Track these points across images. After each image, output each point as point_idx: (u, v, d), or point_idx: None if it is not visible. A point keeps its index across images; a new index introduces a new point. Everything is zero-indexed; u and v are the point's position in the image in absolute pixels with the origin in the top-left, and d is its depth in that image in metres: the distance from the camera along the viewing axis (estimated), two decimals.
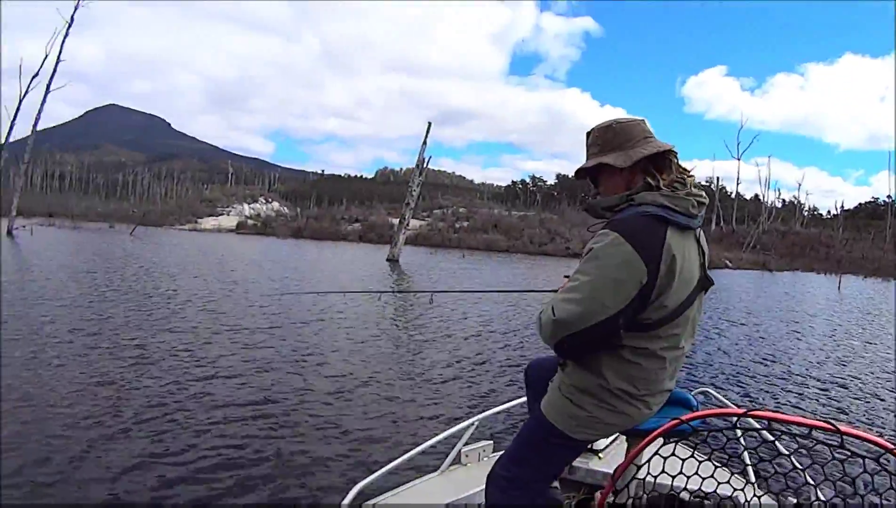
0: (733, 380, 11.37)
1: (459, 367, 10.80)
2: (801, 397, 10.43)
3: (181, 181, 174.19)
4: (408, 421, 7.71)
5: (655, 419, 2.66)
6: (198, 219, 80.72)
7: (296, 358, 10.53)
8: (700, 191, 2.61)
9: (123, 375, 8.70)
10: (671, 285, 2.47)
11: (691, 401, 2.86)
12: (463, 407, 8.41)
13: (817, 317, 23.02)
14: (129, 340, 11.04)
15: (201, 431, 6.70)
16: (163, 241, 46.90)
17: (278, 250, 44.76)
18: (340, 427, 7.18)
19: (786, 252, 70.87)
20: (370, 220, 71.66)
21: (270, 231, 71.19)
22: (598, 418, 2.64)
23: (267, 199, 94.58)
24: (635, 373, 2.59)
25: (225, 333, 12.19)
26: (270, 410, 7.61)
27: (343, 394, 8.58)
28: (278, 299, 17.32)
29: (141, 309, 14.47)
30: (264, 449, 6.35)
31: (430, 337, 13.50)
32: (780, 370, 12.59)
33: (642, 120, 2.75)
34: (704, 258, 2.68)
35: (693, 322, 2.70)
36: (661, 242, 2.43)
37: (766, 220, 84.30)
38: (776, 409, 8.45)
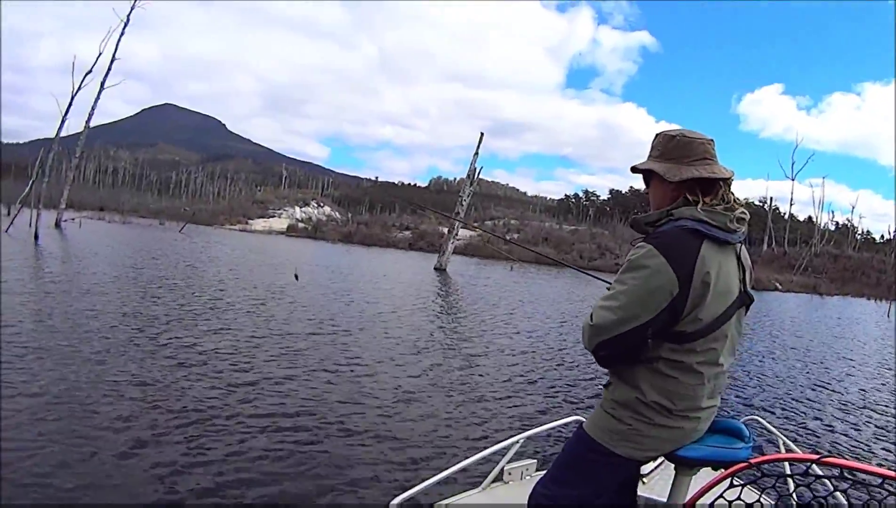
0: (779, 405, 11.27)
1: (508, 383, 10.67)
2: (850, 426, 10.24)
3: (234, 182, 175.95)
4: (453, 434, 7.65)
5: (705, 447, 2.62)
6: (248, 219, 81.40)
7: (342, 367, 10.47)
8: (740, 207, 2.66)
9: (164, 376, 8.75)
10: (705, 298, 2.50)
11: (743, 432, 2.72)
12: (509, 424, 8.29)
13: (867, 344, 22.64)
14: (171, 339, 11.15)
15: (242, 437, 6.71)
16: (211, 240, 47.34)
17: (327, 254, 45.26)
18: (384, 439, 7.16)
19: (837, 276, 69.84)
20: (421, 228, 71.83)
21: (321, 235, 71.67)
22: (637, 430, 2.64)
23: (319, 203, 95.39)
24: (671, 388, 2.59)
25: (270, 337, 12.21)
26: (313, 418, 7.59)
27: (388, 405, 8.53)
28: (326, 305, 17.34)
29: (182, 307, 14.72)
30: (307, 458, 6.35)
31: (482, 350, 13.43)
32: (829, 397, 12.54)
33: (710, 140, 2.76)
34: (745, 274, 2.73)
35: (732, 339, 2.71)
36: (694, 255, 2.48)
37: (819, 243, 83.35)
38: (838, 454, 8.35)
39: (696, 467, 2.61)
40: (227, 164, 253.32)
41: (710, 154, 2.70)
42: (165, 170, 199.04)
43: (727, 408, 10.41)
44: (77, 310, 12.94)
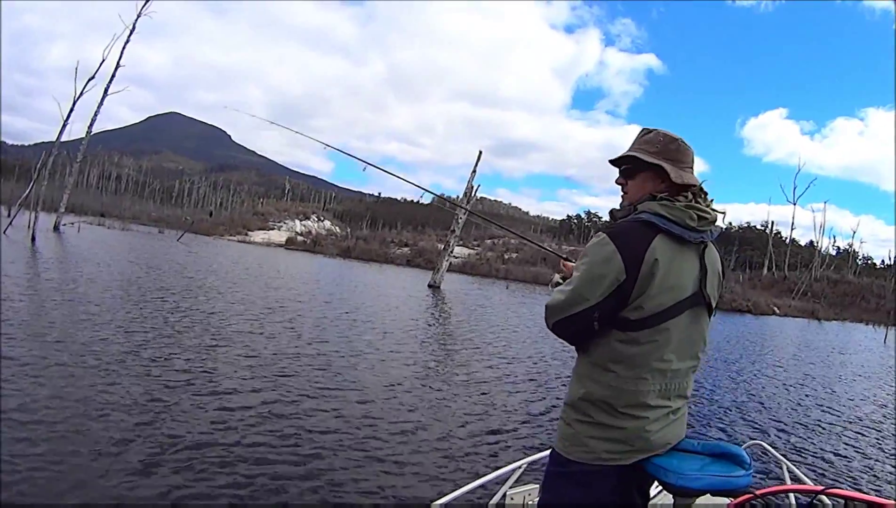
0: (782, 429, 11.40)
1: (511, 407, 10.63)
2: (852, 450, 10.37)
3: (237, 193, 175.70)
4: (452, 459, 7.58)
5: (705, 475, 2.61)
6: (248, 231, 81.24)
7: (339, 388, 10.34)
8: (703, 205, 2.73)
9: (161, 395, 8.61)
10: (650, 288, 2.58)
11: (744, 458, 2.69)
12: (512, 449, 8.24)
13: (859, 369, 22.66)
14: (160, 355, 10.95)
15: (219, 459, 6.62)
16: (207, 250, 47.24)
17: (323, 268, 45.17)
18: (384, 464, 7.10)
19: (836, 301, 69.47)
20: (419, 245, 71.79)
21: (319, 249, 71.51)
22: (581, 432, 2.70)
23: (319, 217, 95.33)
24: (613, 383, 2.65)
25: (248, 359, 11.77)
26: (310, 443, 7.48)
27: (388, 429, 8.43)
28: (317, 321, 17.34)
29: (171, 321, 14.47)
30: (305, 481, 6.34)
31: (486, 375, 13.22)
32: (832, 421, 12.72)
33: (688, 148, 2.88)
34: (706, 275, 2.74)
35: (687, 339, 2.73)
36: (645, 246, 2.57)
37: (819, 268, 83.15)
38: (842, 483, 8.54)
39: (693, 496, 2.62)
40: (230, 175, 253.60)
41: (681, 158, 2.83)
42: (169, 179, 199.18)
43: (731, 434, 10.51)
44: (64, 316, 13.05)
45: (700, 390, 13.84)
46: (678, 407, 2.79)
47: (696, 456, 2.74)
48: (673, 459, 2.68)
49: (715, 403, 13.00)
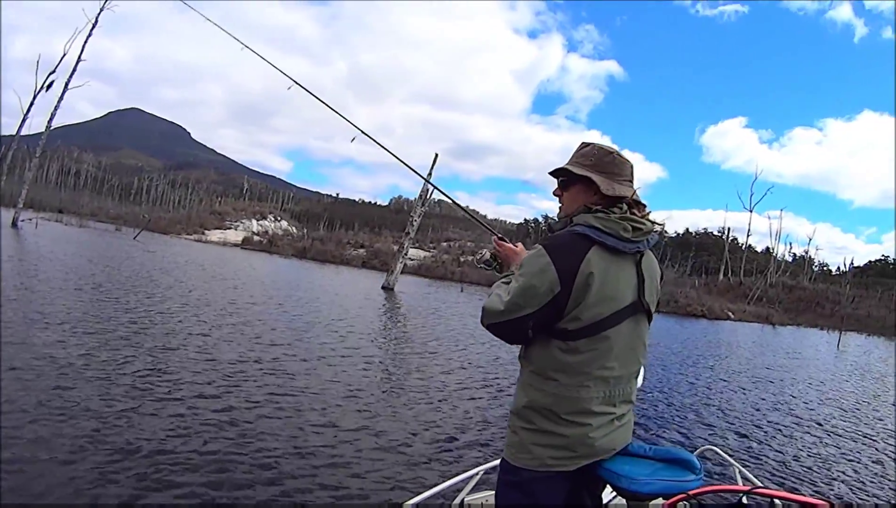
0: (735, 433, 11.46)
1: (467, 412, 10.50)
2: (803, 453, 10.48)
3: (196, 191, 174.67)
4: (409, 467, 7.46)
5: (656, 480, 2.64)
6: (205, 230, 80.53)
7: (293, 393, 10.06)
8: (638, 217, 2.79)
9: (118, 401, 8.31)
10: (587, 299, 2.64)
11: (694, 464, 2.75)
12: (470, 455, 8.19)
13: (812, 373, 22.75)
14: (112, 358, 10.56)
15: (177, 466, 6.47)
16: (163, 249, 46.71)
17: (278, 269, 44.69)
18: (334, 475, 6.90)
19: (791, 306, 70.50)
20: (375, 247, 71.39)
21: (275, 249, 70.81)
22: (525, 438, 2.76)
23: (276, 217, 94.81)
24: (555, 390, 2.71)
25: (211, 360, 11.55)
26: (264, 448, 7.32)
27: (338, 437, 8.20)
28: (271, 324, 16.94)
29: (127, 320, 14.16)
30: (259, 487, 6.25)
31: (441, 380, 13.03)
32: (785, 423, 12.90)
33: (627, 162, 2.92)
34: (645, 284, 2.82)
35: (628, 345, 2.80)
36: (580, 258, 2.64)
37: (774, 274, 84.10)
38: (778, 486, 8.51)
39: (646, 500, 2.66)
40: (189, 173, 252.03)
41: (632, 176, 2.92)
42: (128, 176, 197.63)
43: (685, 438, 10.57)
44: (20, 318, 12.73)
45: (655, 394, 13.93)
46: (623, 412, 2.83)
47: (648, 461, 2.78)
48: (625, 464, 2.72)
49: (670, 407, 13.05)
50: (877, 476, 9.82)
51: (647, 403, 12.73)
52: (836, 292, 78.09)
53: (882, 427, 14.07)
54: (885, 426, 14.22)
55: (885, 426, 14.22)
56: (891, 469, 10.35)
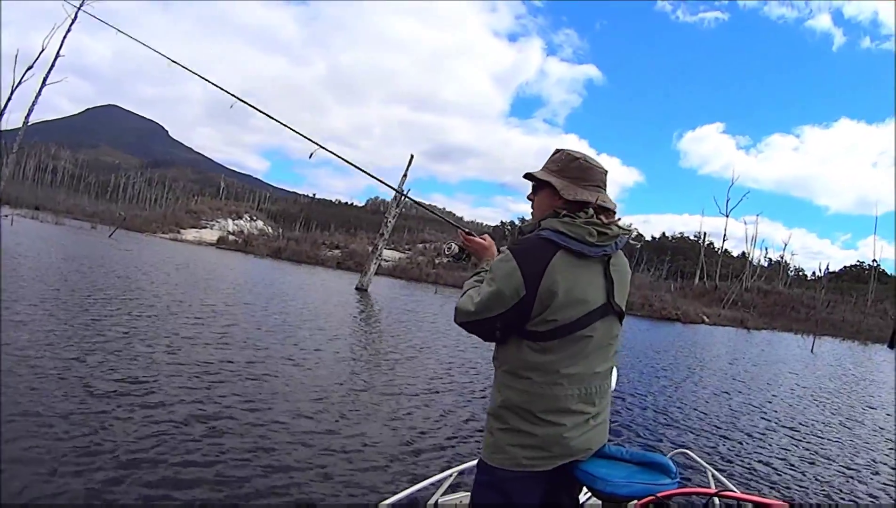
0: (708, 437, 11.49)
1: (438, 415, 10.39)
2: (775, 456, 10.34)
3: (172, 190, 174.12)
4: (381, 470, 7.36)
5: (632, 483, 2.66)
6: (181, 229, 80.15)
7: (252, 394, 9.81)
8: (604, 222, 2.79)
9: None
10: (553, 302, 2.68)
11: (670, 467, 2.77)
12: (444, 457, 8.10)
13: (786, 377, 22.88)
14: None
15: (150, 470, 6.29)
16: (139, 247, 46.36)
17: (253, 269, 44.35)
18: (305, 477, 6.77)
19: (766, 311, 71.00)
20: (350, 248, 71.17)
21: (251, 249, 70.57)
22: (501, 438, 2.79)
23: (252, 217, 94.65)
24: (529, 389, 2.74)
25: (181, 365, 11.09)
26: (236, 451, 7.18)
27: (307, 439, 8.03)
28: (241, 325, 16.67)
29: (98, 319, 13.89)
30: (224, 487, 6.15)
31: (413, 382, 12.87)
32: (757, 427, 12.91)
33: (606, 171, 2.96)
34: (614, 286, 2.85)
35: (601, 347, 2.85)
36: (545, 263, 2.67)
37: (750, 278, 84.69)
38: (748, 490, 8.44)
39: (622, 503, 2.65)
40: (167, 171, 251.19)
41: (603, 183, 2.93)
42: (105, 173, 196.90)
43: (657, 442, 10.54)
44: None
45: (629, 398, 13.94)
46: (598, 412, 2.87)
47: (624, 464, 2.82)
48: (601, 466, 2.75)
49: (644, 410, 13.06)
50: (844, 477, 9.99)
51: (621, 406, 12.72)
52: (811, 297, 78.94)
53: (853, 429, 14.26)
54: (856, 429, 14.41)
55: (856, 429, 14.41)
56: (859, 469, 10.50)
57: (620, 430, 10.82)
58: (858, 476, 10.08)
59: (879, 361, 38.63)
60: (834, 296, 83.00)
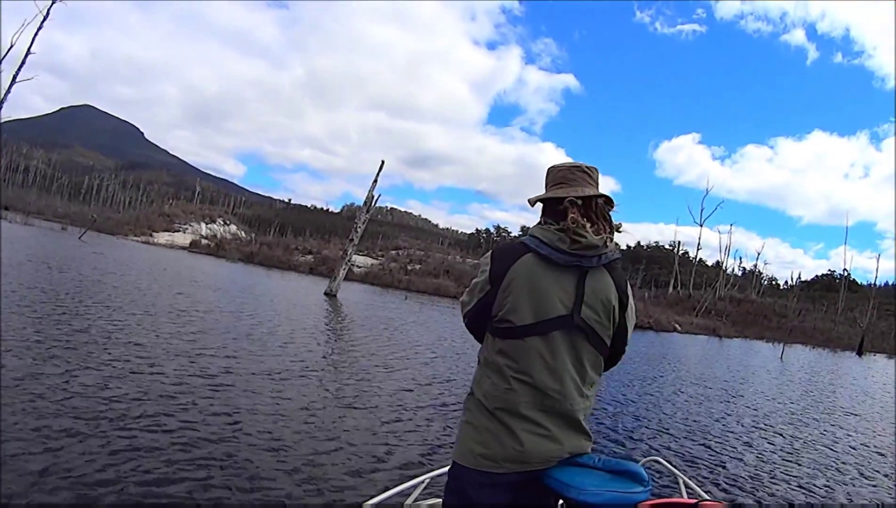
0: (680, 445, 11.56)
1: (413, 418, 10.41)
2: (740, 462, 10.36)
3: (147, 193, 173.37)
4: (352, 475, 7.30)
5: (604, 491, 2.62)
6: (153, 232, 79.64)
7: (223, 398, 9.77)
8: (581, 232, 2.74)
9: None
10: (508, 301, 2.74)
11: (642, 475, 2.73)
12: (414, 463, 8.07)
13: (756, 384, 23.38)
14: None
15: (120, 473, 6.23)
16: (109, 250, 45.97)
17: (224, 274, 44.04)
18: (274, 482, 6.70)
19: (739, 319, 71.84)
20: (323, 253, 70.99)
21: (223, 253, 70.30)
22: (464, 435, 2.83)
23: (225, 221, 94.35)
24: (489, 388, 2.79)
25: (129, 363, 11.03)
26: (205, 456, 7.06)
27: (278, 443, 8.00)
28: (206, 328, 16.56)
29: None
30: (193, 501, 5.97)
31: (386, 381, 13.08)
32: (729, 435, 13.03)
33: (574, 167, 2.97)
34: (583, 300, 2.78)
35: (558, 361, 2.76)
36: (511, 262, 2.76)
37: (723, 287, 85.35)
38: (711, 493, 8.57)
39: None
40: (141, 174, 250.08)
41: (567, 179, 2.93)
42: (78, 174, 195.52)
43: (629, 450, 10.55)
44: None
45: (599, 404, 13.96)
46: (559, 428, 2.79)
47: (597, 472, 2.77)
48: (574, 475, 2.71)
49: (616, 417, 13.14)
50: (811, 481, 10.16)
51: (592, 413, 12.71)
52: (783, 305, 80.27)
53: (818, 433, 14.69)
54: (820, 432, 14.86)
55: (820, 432, 14.86)
56: (824, 472, 10.77)
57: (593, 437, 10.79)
58: (813, 477, 10.40)
59: (845, 368, 39.82)
60: (805, 305, 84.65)
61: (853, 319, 77.70)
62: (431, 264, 71.32)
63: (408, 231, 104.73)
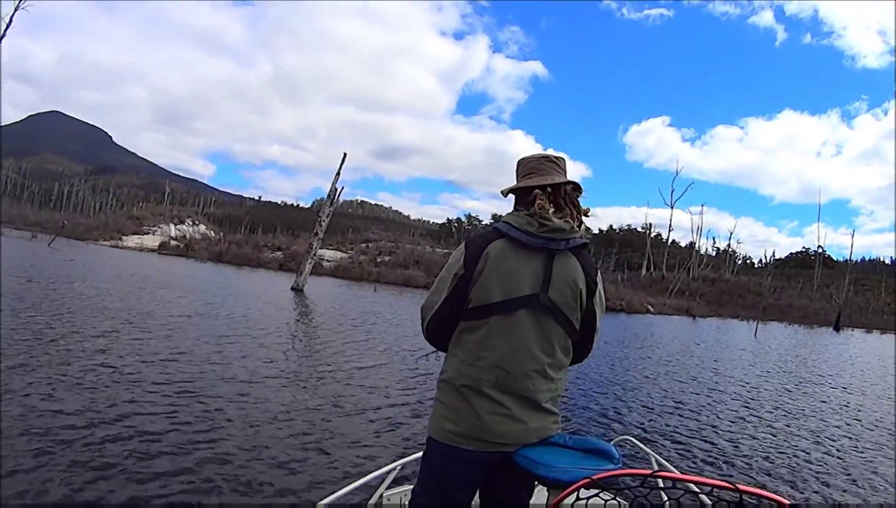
0: (651, 423, 11.70)
1: (383, 406, 10.44)
2: (708, 439, 10.71)
3: (117, 196, 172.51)
4: (325, 464, 7.33)
5: (576, 469, 2.63)
6: (122, 236, 79.30)
7: (193, 392, 9.79)
8: (548, 216, 2.83)
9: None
10: (478, 281, 2.79)
11: (613, 453, 2.80)
12: (386, 450, 8.08)
13: (728, 363, 23.58)
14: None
15: (94, 473, 6.22)
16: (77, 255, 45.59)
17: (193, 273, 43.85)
18: (247, 472, 6.71)
19: (713, 299, 72.34)
20: (292, 249, 70.79)
21: (192, 253, 70.00)
22: (435, 412, 2.91)
23: (194, 221, 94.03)
24: (457, 366, 2.86)
25: (96, 358, 11.23)
26: (174, 450, 7.07)
27: (250, 435, 8.02)
28: (169, 326, 16.46)
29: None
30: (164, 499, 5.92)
31: (354, 372, 13.05)
32: (696, 413, 13.12)
33: (543, 157, 3.07)
34: (551, 281, 2.84)
35: (522, 341, 2.81)
36: (485, 246, 2.82)
37: (697, 267, 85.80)
38: (684, 470, 8.52)
39: (566, 488, 2.53)
40: (111, 177, 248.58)
41: (536, 169, 3.01)
42: (48, 181, 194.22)
43: (601, 429, 10.64)
44: None
45: (570, 386, 14.08)
46: (523, 411, 2.83)
47: (568, 451, 2.82)
48: (545, 453, 2.75)
49: (588, 399, 13.25)
50: (780, 455, 10.27)
51: (563, 395, 12.77)
52: (757, 283, 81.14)
53: (790, 408, 14.90)
54: (792, 407, 15.08)
55: (792, 407, 15.08)
56: (793, 453, 10.58)
57: (564, 418, 10.80)
58: (782, 451, 10.50)
59: (820, 344, 40.47)
60: (781, 282, 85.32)
61: (829, 295, 78.58)
62: (401, 255, 71.70)
63: (378, 223, 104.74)
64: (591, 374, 16.19)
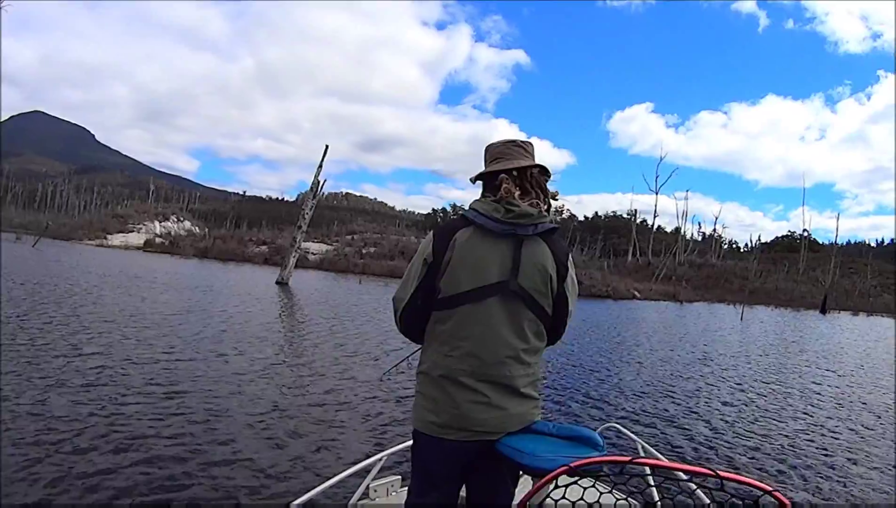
0: (639, 410, 11.65)
1: (369, 397, 10.47)
2: (692, 425, 10.81)
3: (101, 195, 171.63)
4: (311, 455, 7.37)
5: (560, 457, 2.55)
6: (107, 234, 78.86)
7: (178, 386, 9.86)
8: (514, 201, 2.81)
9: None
10: (447, 270, 2.78)
11: (597, 441, 2.77)
12: (372, 441, 8.15)
13: (714, 347, 23.47)
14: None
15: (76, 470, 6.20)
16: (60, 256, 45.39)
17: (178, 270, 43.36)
18: (235, 464, 6.76)
19: (700, 283, 72.45)
20: (277, 243, 70.39)
21: (177, 250, 69.55)
22: (416, 403, 2.91)
23: (179, 218, 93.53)
24: (433, 357, 2.85)
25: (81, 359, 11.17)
26: (157, 446, 7.07)
27: (237, 427, 8.07)
28: (151, 322, 16.47)
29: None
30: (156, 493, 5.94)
31: (337, 364, 13.10)
32: (681, 399, 13.03)
33: (509, 142, 3.07)
34: (520, 267, 2.81)
35: (494, 328, 2.80)
36: (452, 233, 2.80)
37: (683, 252, 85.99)
38: (671, 457, 8.57)
39: (544, 475, 2.46)
40: (95, 177, 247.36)
41: (503, 154, 3.01)
42: (32, 182, 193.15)
43: (586, 418, 10.63)
44: None
45: (556, 374, 14.16)
46: (499, 397, 2.81)
47: (552, 439, 2.80)
48: (528, 441, 2.74)
49: (572, 387, 13.18)
50: (766, 437, 10.37)
51: (548, 384, 12.87)
52: (743, 267, 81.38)
53: (776, 388, 15.19)
54: (776, 388, 15.28)
55: (776, 388, 15.28)
56: (770, 437, 10.57)
57: (548, 406, 10.95)
58: (767, 436, 10.50)
59: (805, 326, 40.80)
60: (767, 266, 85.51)
61: (815, 279, 78.88)
62: (386, 247, 71.63)
63: (364, 215, 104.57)
64: (577, 361, 16.28)
